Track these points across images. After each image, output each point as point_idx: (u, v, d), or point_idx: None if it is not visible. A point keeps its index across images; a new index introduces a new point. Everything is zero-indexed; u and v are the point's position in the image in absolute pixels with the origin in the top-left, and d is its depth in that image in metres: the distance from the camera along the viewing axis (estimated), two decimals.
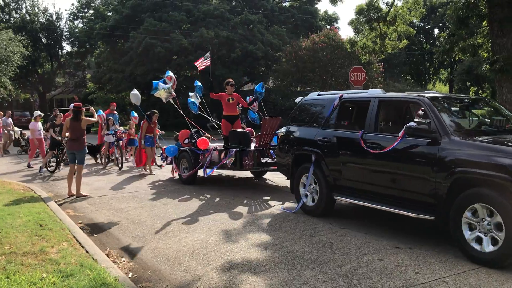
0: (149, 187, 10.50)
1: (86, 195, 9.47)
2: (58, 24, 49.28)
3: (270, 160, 9.91)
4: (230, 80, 10.69)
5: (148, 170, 12.62)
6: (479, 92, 41.73)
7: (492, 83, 24.94)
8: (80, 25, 48.71)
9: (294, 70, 28.93)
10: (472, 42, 13.92)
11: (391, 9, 16.26)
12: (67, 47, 51.72)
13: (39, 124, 14.75)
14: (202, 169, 10.11)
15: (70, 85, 53.06)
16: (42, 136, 14.79)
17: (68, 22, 49.89)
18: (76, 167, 9.58)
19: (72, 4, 49.61)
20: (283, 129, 8.12)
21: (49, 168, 13.02)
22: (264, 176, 11.61)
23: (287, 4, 40.22)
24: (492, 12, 11.78)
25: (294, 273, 4.84)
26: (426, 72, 47.51)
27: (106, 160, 14.30)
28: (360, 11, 16.47)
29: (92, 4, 47.81)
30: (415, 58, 44.88)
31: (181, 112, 11.38)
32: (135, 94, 12.54)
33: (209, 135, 11.61)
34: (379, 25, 16.24)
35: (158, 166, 13.40)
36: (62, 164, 13.36)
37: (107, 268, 4.90)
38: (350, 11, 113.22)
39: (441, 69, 47.33)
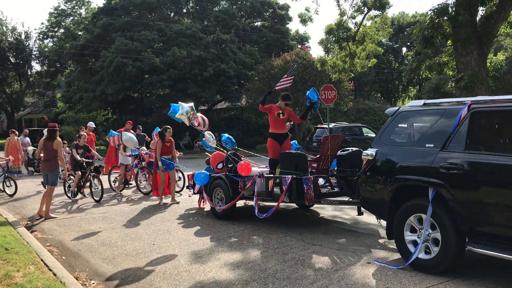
0: (139, 212, 10.33)
1: (55, 217, 9.25)
2: (27, 43, 48.52)
3: (330, 189, 8.12)
4: (288, 95, 8.79)
5: (162, 200, 10.77)
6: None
7: None
8: (50, 44, 48.13)
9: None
10: (438, 60, 14.34)
11: (360, 29, 16.65)
12: (36, 66, 50.89)
13: None
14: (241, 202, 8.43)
15: (40, 104, 52.09)
16: None
17: (38, 41, 49.21)
18: (47, 188, 9.39)
19: (42, 23, 48.84)
20: (371, 151, 6.09)
21: (69, 195, 11.48)
22: (313, 208, 9.47)
23: (258, 24, 40.70)
24: (455, 32, 12.21)
25: None
26: (395, 90, 48.61)
27: (122, 185, 12.56)
28: (329, 31, 16.82)
29: (63, 24, 47.36)
30: (384, 76, 45.95)
31: (203, 132, 9.65)
32: (130, 138, 11.28)
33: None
34: (348, 44, 16.59)
35: (177, 192, 11.71)
36: (82, 189, 11.64)
37: None
38: (320, 31, 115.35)
39: (409, 87, 48.54)
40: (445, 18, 12.23)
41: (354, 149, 8.20)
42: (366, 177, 6.13)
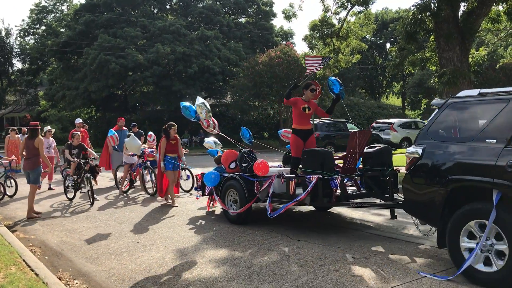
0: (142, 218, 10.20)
1: (37, 216, 9.14)
2: (8, 41, 47.66)
3: (357, 191, 7.37)
4: (313, 84, 7.89)
5: (170, 200, 10.16)
6: (431, 104, 43.46)
7: (442, 95, 25.92)
8: (32, 41, 47.40)
9: (251, 85, 29.19)
10: (421, 56, 14.47)
11: (344, 25, 16.72)
12: (18, 64, 50.04)
13: (49, 141, 12.98)
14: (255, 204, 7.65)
15: (22, 103, 51.27)
16: (53, 154, 13.18)
17: (19, 38, 48.41)
18: (30, 187, 9.29)
19: (23, 20, 47.93)
20: (416, 148, 5.43)
21: (68, 195, 11.01)
22: (331, 210, 8.80)
23: (243, 20, 40.64)
24: (438, 27, 12.33)
25: (252, 287, 4.83)
26: (380, 86, 48.98)
27: (128, 186, 11.95)
28: (313, 27, 16.86)
29: (44, 20, 46.66)
30: (369, 72, 46.25)
31: (218, 131, 9.10)
32: (133, 140, 10.53)
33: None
34: (332, 40, 16.65)
35: (186, 191, 11.39)
36: (80, 190, 11.04)
37: None
38: (304, 27, 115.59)
39: (393, 82, 48.97)
40: (427, 13, 12.33)
41: (382, 145, 7.65)
42: (411, 178, 5.44)
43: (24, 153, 9.35)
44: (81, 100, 33.83)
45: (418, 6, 12.44)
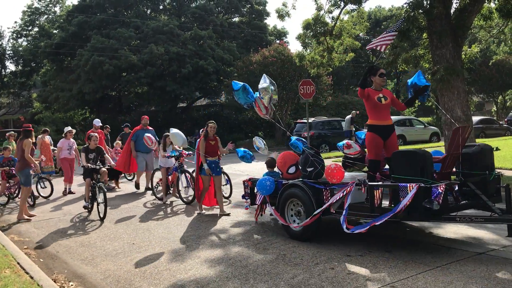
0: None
1: (28, 219, 9.08)
2: (1, 43, 47.47)
3: (454, 201, 5.97)
4: (382, 69, 6.78)
5: (202, 209, 9.09)
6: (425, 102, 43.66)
7: (436, 92, 26.00)
8: (25, 43, 47.15)
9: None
10: (414, 53, 14.48)
11: (337, 23, 16.70)
12: (10, 66, 49.71)
13: (69, 142, 12.51)
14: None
15: (15, 105, 51.06)
16: (73, 156, 12.65)
17: (12, 40, 48.17)
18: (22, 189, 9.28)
19: (15, 22, 47.66)
20: None
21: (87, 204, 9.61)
22: (408, 222, 6.95)
23: (236, 19, 40.57)
24: (430, 24, 12.35)
25: (247, 287, 4.82)
26: None
27: (168, 191, 10.68)
28: (307, 26, 16.83)
29: (37, 22, 46.44)
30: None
31: (283, 127, 8.43)
32: (178, 134, 9.40)
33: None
34: (325, 39, 16.63)
35: (225, 198, 9.94)
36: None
37: None
38: (298, 26, 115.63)
39: (387, 80, 49.05)
40: (420, 11, 12.35)
41: (480, 144, 6.34)
42: None
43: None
44: (75, 102, 33.71)
45: (410, 4, 12.44)
